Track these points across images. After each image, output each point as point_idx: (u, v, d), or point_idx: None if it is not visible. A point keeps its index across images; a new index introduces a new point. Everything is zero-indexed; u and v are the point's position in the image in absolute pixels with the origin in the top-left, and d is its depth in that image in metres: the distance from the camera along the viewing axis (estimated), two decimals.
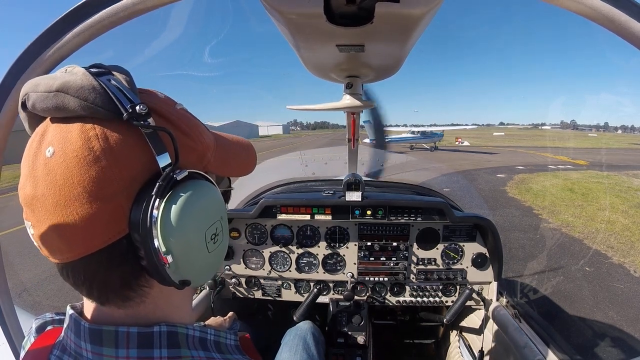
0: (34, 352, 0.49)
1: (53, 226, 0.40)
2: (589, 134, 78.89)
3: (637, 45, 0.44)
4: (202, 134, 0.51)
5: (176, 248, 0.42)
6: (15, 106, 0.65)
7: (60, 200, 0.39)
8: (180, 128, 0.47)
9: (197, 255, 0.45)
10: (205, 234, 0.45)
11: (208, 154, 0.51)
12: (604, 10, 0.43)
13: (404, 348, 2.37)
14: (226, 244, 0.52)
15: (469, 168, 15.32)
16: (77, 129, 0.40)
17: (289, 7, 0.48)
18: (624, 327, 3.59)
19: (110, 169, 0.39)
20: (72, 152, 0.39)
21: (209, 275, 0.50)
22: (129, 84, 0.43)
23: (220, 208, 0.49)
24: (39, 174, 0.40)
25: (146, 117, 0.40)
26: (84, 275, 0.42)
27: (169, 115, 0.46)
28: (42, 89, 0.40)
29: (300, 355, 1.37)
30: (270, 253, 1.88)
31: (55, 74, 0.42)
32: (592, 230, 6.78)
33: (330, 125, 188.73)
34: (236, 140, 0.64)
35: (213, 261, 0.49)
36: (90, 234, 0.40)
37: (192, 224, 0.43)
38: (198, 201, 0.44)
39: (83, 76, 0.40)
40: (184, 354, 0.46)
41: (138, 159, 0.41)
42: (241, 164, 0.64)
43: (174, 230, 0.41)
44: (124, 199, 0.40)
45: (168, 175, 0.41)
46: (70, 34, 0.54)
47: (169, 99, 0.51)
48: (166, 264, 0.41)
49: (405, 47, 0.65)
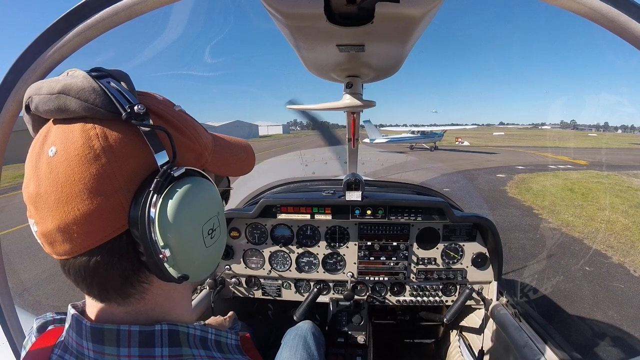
0: (35, 352, 0.50)
1: (55, 222, 0.41)
2: (589, 133, 78.89)
3: (637, 46, 0.44)
4: (200, 134, 0.52)
5: (174, 242, 0.42)
6: (16, 106, 0.65)
7: (62, 197, 0.40)
8: (178, 128, 0.48)
9: (194, 250, 0.46)
10: (202, 229, 0.46)
11: (206, 153, 0.52)
12: (603, 10, 0.43)
13: (404, 348, 2.37)
14: (224, 239, 0.53)
15: (469, 168, 15.32)
16: (78, 129, 0.41)
17: (289, 7, 0.48)
18: (624, 327, 3.59)
19: (110, 166, 0.41)
20: (74, 150, 0.40)
21: (207, 270, 0.50)
22: (128, 86, 0.45)
23: (217, 204, 0.50)
24: (42, 173, 0.41)
25: (144, 116, 0.42)
26: (85, 272, 0.43)
27: (167, 115, 0.47)
28: (44, 92, 0.42)
29: (300, 354, 1.38)
30: (270, 253, 1.88)
31: (58, 77, 0.44)
32: (592, 230, 6.78)
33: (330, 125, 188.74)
34: (234, 141, 0.65)
35: (211, 256, 0.49)
36: (91, 230, 0.41)
37: (189, 219, 0.44)
38: (195, 197, 0.45)
39: (84, 79, 0.41)
40: (185, 353, 0.46)
41: (137, 157, 0.42)
42: (239, 163, 0.65)
43: (171, 225, 0.42)
44: (123, 196, 0.42)
45: (166, 172, 0.42)
46: (70, 34, 0.54)
47: (167, 101, 0.52)
48: (164, 258, 0.42)
49: (406, 47, 0.65)
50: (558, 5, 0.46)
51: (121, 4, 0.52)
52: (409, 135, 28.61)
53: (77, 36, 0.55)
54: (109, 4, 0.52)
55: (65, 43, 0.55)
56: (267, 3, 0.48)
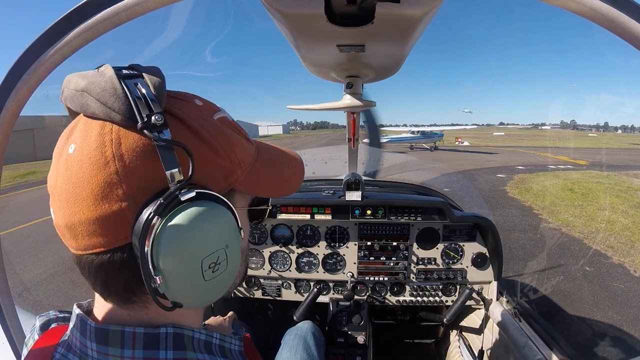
0: (38, 350, 0.49)
1: (64, 219, 0.42)
2: (589, 133, 78.90)
3: (637, 46, 0.45)
4: (235, 150, 0.47)
5: (166, 270, 0.40)
6: (16, 106, 0.65)
7: (71, 197, 0.40)
8: (208, 142, 0.44)
9: (189, 282, 0.42)
10: (201, 262, 0.42)
11: (238, 171, 0.48)
12: (603, 10, 0.43)
13: (404, 348, 2.37)
14: (231, 272, 0.47)
15: (469, 168, 15.31)
16: (97, 130, 0.40)
17: (289, 7, 0.48)
18: (624, 327, 3.59)
19: (118, 175, 0.39)
20: (88, 153, 0.40)
21: (205, 301, 0.47)
22: (157, 89, 0.42)
23: (227, 236, 0.45)
24: (61, 168, 0.41)
25: (162, 127, 0.39)
26: (89, 270, 0.43)
27: (197, 127, 0.44)
28: (72, 87, 0.42)
29: (300, 355, 1.37)
30: (270, 253, 1.88)
31: (88, 72, 0.42)
32: (592, 230, 6.78)
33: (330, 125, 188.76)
34: (284, 156, 0.60)
35: (211, 290, 0.45)
36: (95, 235, 0.41)
37: (187, 250, 0.41)
38: (198, 226, 0.41)
39: (109, 79, 0.40)
40: (190, 357, 0.46)
41: (149, 170, 0.40)
42: (281, 182, 0.58)
43: (166, 253, 0.39)
44: (128, 208, 0.40)
45: (172, 194, 0.39)
46: (71, 34, 0.54)
47: (207, 108, 0.49)
48: (156, 284, 0.40)
49: (406, 47, 0.65)
50: (558, 6, 0.46)
51: (122, 5, 0.52)
52: (409, 135, 28.63)
53: (77, 36, 0.55)
54: (110, 4, 0.52)
55: (65, 43, 0.55)
56: (267, 3, 0.48)
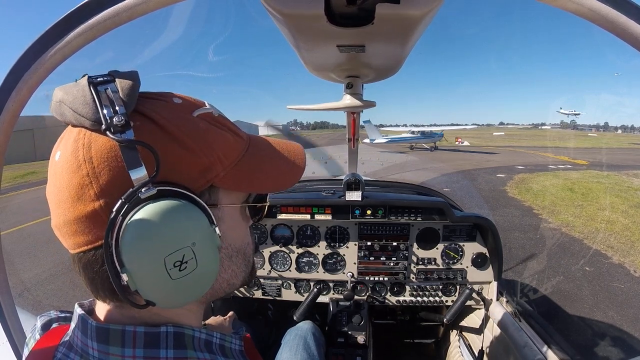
0: (39, 351, 0.50)
1: (54, 220, 0.45)
2: (589, 133, 78.88)
3: (637, 47, 0.45)
4: (213, 146, 0.47)
5: (132, 269, 0.40)
6: (16, 107, 0.65)
7: (56, 200, 0.43)
8: (179, 139, 0.44)
9: (156, 280, 0.42)
10: (164, 260, 0.41)
11: (217, 167, 0.47)
12: (603, 11, 0.43)
13: (404, 348, 2.37)
14: (205, 273, 0.46)
15: (469, 168, 15.31)
16: (73, 137, 0.43)
17: (289, 7, 0.48)
18: (624, 327, 3.59)
19: (89, 177, 0.41)
20: (66, 158, 0.42)
21: (180, 301, 0.45)
22: (126, 92, 0.42)
23: (194, 234, 0.43)
24: (50, 174, 0.45)
25: (124, 128, 0.40)
26: (78, 269, 0.46)
27: (168, 125, 0.44)
28: (54, 98, 0.44)
29: (300, 355, 1.38)
30: (270, 253, 1.88)
31: (68, 84, 0.44)
32: (592, 230, 6.78)
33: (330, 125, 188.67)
34: (281, 148, 0.58)
35: (183, 288, 0.44)
36: (76, 234, 0.43)
37: (147, 248, 0.41)
38: (158, 224, 0.41)
39: (81, 87, 0.42)
40: (190, 355, 0.46)
41: (117, 171, 0.41)
42: (276, 177, 0.55)
43: (129, 251, 0.40)
44: (101, 208, 0.41)
45: (133, 193, 0.40)
46: (72, 34, 0.54)
47: (186, 105, 0.48)
48: (124, 282, 0.41)
49: (406, 48, 0.65)
50: (557, 6, 0.46)
51: (122, 5, 0.52)
52: (409, 135, 28.61)
53: (78, 37, 0.55)
54: (110, 4, 0.52)
55: (66, 44, 0.55)
56: (267, 3, 0.48)
